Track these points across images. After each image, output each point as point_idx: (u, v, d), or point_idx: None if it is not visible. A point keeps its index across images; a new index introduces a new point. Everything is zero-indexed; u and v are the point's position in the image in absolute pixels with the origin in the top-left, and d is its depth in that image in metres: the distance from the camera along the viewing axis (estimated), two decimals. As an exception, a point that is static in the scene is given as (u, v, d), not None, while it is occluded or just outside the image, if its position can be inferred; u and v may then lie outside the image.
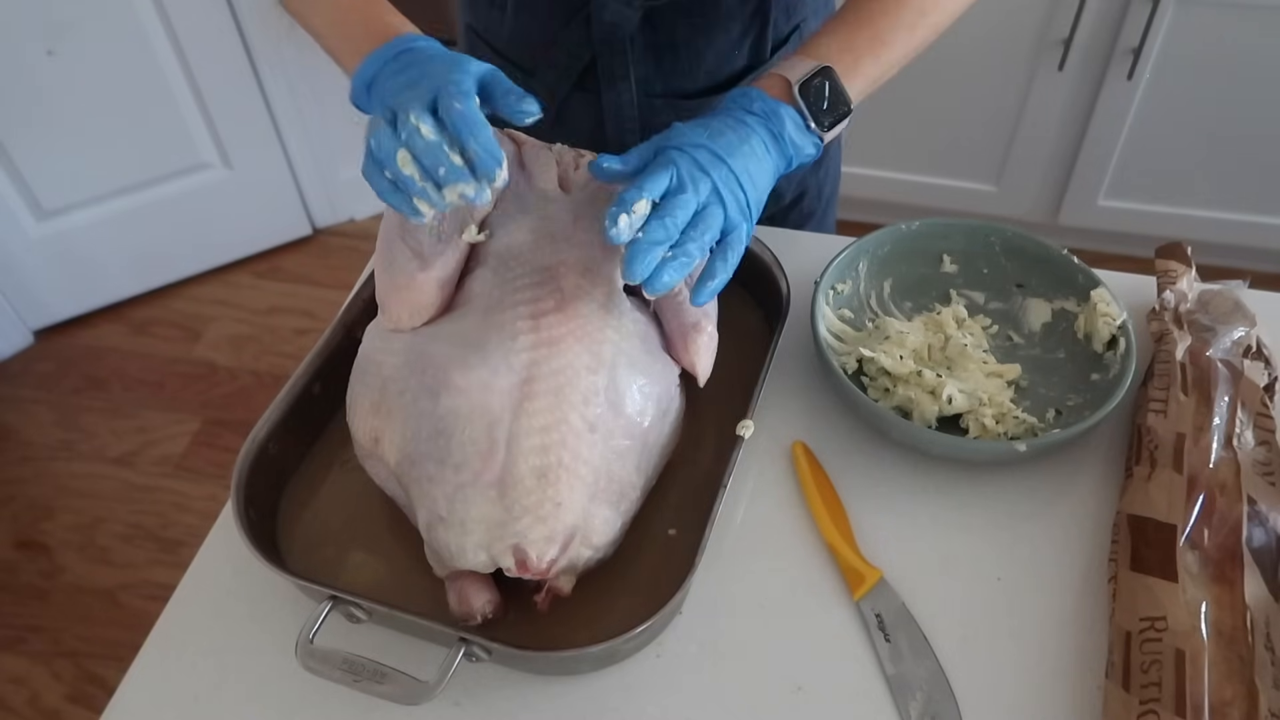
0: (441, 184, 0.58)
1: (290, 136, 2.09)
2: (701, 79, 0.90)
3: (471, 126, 0.58)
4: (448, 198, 0.59)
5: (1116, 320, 0.77)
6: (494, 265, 0.69)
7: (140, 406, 1.94)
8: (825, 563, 0.69)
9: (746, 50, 0.89)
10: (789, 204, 1.02)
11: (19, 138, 1.82)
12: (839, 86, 0.69)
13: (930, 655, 0.64)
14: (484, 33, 0.94)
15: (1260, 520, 0.65)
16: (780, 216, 1.02)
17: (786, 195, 1.01)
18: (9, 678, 1.57)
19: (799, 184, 1.01)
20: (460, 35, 0.99)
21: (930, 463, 0.75)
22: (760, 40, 0.89)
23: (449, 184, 0.58)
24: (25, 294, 2.01)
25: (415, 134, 0.58)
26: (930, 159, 2.00)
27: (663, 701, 0.63)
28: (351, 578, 0.68)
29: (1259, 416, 0.71)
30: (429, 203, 0.59)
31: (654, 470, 0.69)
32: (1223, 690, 0.57)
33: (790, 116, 0.67)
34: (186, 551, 1.32)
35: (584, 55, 0.87)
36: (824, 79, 0.68)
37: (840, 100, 0.69)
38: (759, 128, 0.66)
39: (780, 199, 1.00)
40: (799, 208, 1.03)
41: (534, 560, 0.60)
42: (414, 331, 0.68)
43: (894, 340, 0.78)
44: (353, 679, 0.58)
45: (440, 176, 0.58)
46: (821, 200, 1.05)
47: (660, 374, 0.68)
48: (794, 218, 1.03)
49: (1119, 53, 1.75)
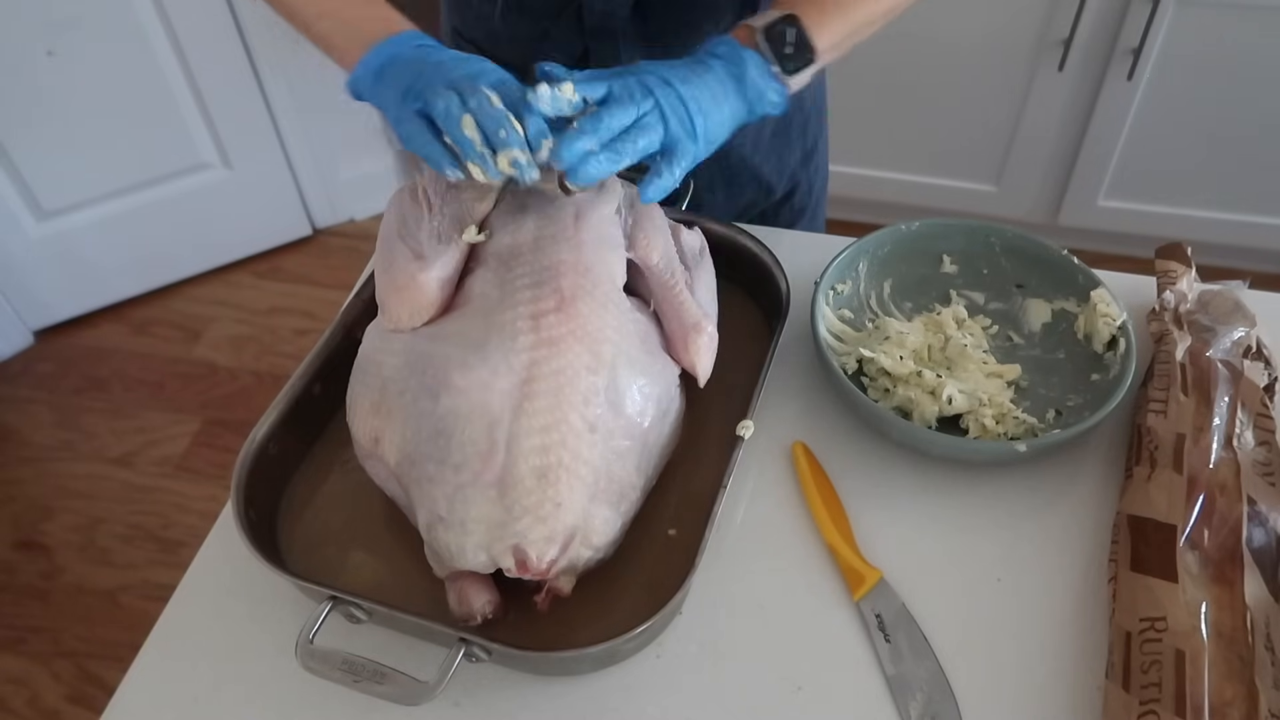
0: (499, 148, 0.62)
1: (290, 137, 2.09)
2: None
3: (529, 107, 0.63)
4: (501, 163, 0.63)
5: (1116, 321, 0.77)
6: (494, 265, 0.69)
7: (140, 407, 1.94)
8: (825, 563, 0.69)
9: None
10: (780, 199, 1.03)
11: (19, 138, 1.82)
12: (804, 34, 0.69)
13: (930, 655, 0.64)
14: (470, 34, 0.94)
15: (1260, 521, 0.65)
16: (772, 212, 1.04)
17: (778, 189, 1.02)
18: (9, 678, 1.57)
19: (790, 178, 1.02)
20: (445, 38, 0.99)
21: (930, 463, 0.75)
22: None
23: (505, 149, 0.62)
24: (25, 294, 2.01)
25: (486, 102, 0.62)
26: (930, 159, 2.00)
27: (663, 702, 0.63)
28: (351, 578, 0.68)
29: (1259, 417, 0.71)
30: (483, 167, 0.63)
31: (654, 470, 0.69)
32: (1223, 691, 0.57)
33: (753, 60, 0.68)
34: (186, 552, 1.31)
35: (576, 49, 0.88)
36: (788, 25, 0.69)
37: (805, 47, 0.69)
38: (719, 68, 0.68)
39: (771, 193, 1.02)
40: (790, 204, 1.04)
41: (534, 560, 0.60)
42: (414, 332, 0.68)
43: (894, 340, 0.78)
44: (352, 679, 0.58)
45: (500, 140, 0.62)
46: (812, 197, 1.07)
47: (660, 374, 0.68)
48: (785, 214, 1.05)
49: (1119, 53, 1.75)
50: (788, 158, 1.00)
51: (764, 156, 0.98)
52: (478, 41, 0.94)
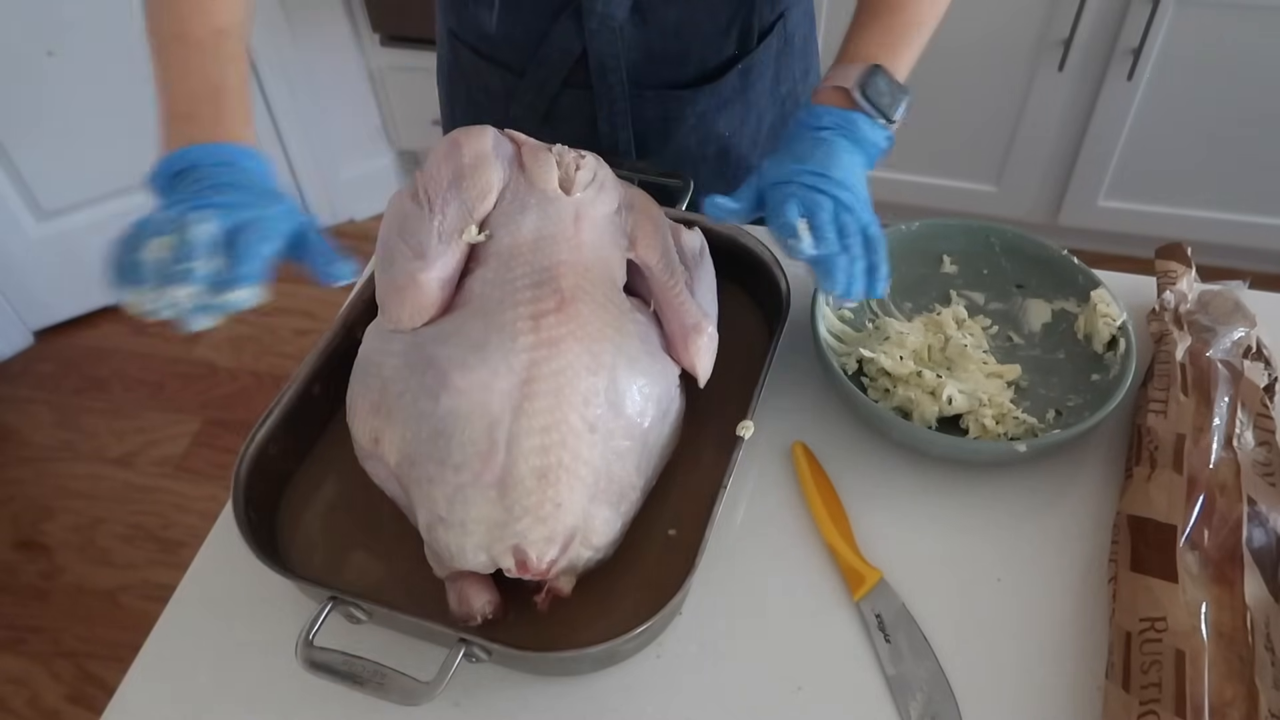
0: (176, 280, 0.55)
1: (290, 137, 2.09)
2: (691, 69, 0.90)
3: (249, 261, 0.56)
4: (165, 298, 0.55)
5: (1116, 321, 0.77)
6: (494, 266, 0.69)
7: (140, 407, 1.94)
8: (825, 563, 0.69)
9: (734, 39, 0.90)
10: None
11: (19, 138, 1.82)
12: (892, 78, 0.74)
13: (930, 656, 0.64)
14: (467, 36, 0.94)
15: (1260, 521, 0.65)
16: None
17: None
18: (9, 678, 1.57)
19: None
20: (441, 41, 0.99)
21: (930, 463, 0.75)
22: (746, 29, 0.90)
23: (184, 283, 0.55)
24: (25, 294, 2.01)
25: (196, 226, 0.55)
26: (930, 159, 2.00)
27: (663, 702, 0.63)
28: (351, 578, 0.68)
29: (1259, 417, 0.71)
30: (139, 297, 0.55)
31: (654, 471, 0.69)
32: (1223, 691, 0.57)
33: (862, 120, 0.72)
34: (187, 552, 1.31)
35: (575, 50, 0.88)
36: (877, 77, 0.73)
37: (897, 89, 0.74)
38: (838, 139, 0.71)
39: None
40: None
41: (534, 561, 0.60)
42: (414, 332, 0.68)
43: (894, 341, 0.78)
44: (353, 679, 0.58)
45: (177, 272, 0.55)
46: None
47: (660, 375, 0.68)
48: None
49: (1119, 53, 1.75)
50: None
51: (762, 153, 0.99)
52: (474, 43, 0.94)
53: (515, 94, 0.93)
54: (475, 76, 0.95)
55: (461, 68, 0.97)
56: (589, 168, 0.74)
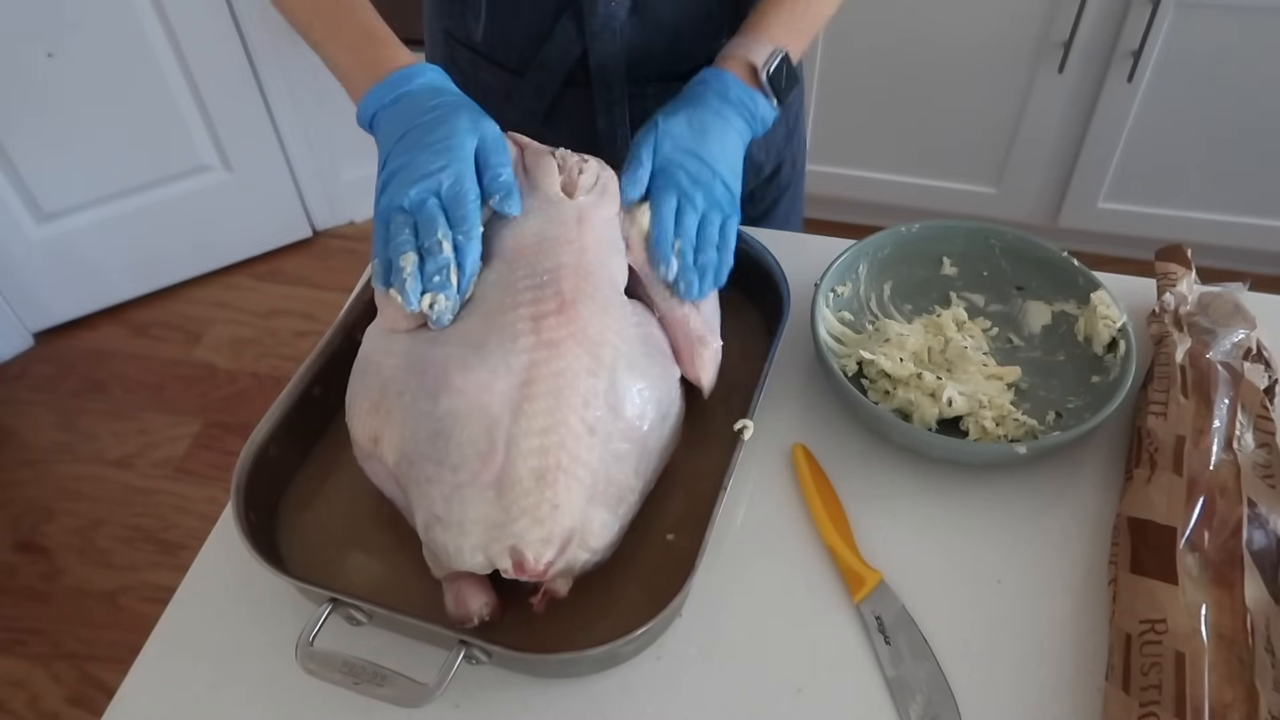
0: (428, 289, 0.65)
1: (290, 139, 2.09)
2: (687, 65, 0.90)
3: (470, 255, 0.66)
4: (424, 301, 0.65)
5: (1116, 323, 0.77)
6: (495, 267, 0.69)
7: (140, 409, 1.94)
8: (825, 565, 0.69)
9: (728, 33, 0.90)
10: (769, 176, 1.05)
11: (19, 139, 1.82)
12: (792, 66, 0.80)
13: (930, 658, 0.64)
14: (464, 38, 0.94)
15: (1260, 523, 0.65)
16: (760, 191, 1.05)
17: (766, 168, 1.03)
18: (9, 680, 1.57)
19: (776, 155, 1.04)
20: (437, 42, 0.98)
21: (930, 465, 0.75)
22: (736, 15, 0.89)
23: (434, 291, 0.65)
24: (25, 296, 2.01)
25: (436, 246, 0.65)
26: (930, 161, 2.00)
27: (663, 704, 0.63)
28: (351, 580, 0.68)
29: (1259, 419, 0.71)
30: (404, 300, 0.65)
31: (653, 473, 0.69)
32: (1223, 693, 0.57)
33: (761, 100, 0.78)
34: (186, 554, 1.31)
35: (575, 51, 0.88)
36: (783, 63, 0.78)
37: (793, 76, 0.80)
38: (736, 117, 0.76)
39: (761, 172, 1.03)
40: (776, 180, 1.06)
41: (531, 562, 0.60)
42: (414, 333, 0.68)
43: (894, 343, 0.78)
44: (352, 681, 0.58)
45: (433, 283, 0.65)
46: (795, 170, 1.10)
47: (660, 377, 0.68)
48: (773, 191, 1.07)
49: (1119, 55, 1.75)
50: (773, 136, 1.01)
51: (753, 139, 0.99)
52: (471, 44, 0.94)
53: (514, 94, 0.93)
54: (473, 76, 0.95)
55: (459, 67, 0.97)
56: (591, 171, 0.74)
